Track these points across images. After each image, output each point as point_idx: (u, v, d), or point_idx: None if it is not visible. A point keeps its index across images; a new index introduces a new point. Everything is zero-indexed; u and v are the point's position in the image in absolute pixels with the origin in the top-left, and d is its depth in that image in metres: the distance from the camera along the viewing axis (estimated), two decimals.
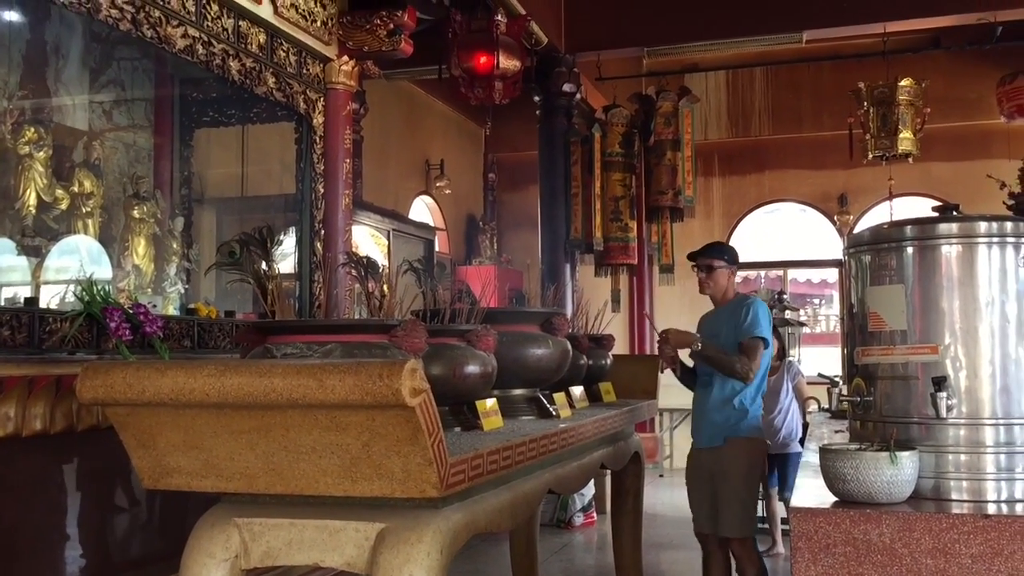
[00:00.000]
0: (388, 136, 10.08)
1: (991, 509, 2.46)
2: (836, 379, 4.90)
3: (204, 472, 2.28)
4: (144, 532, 3.76)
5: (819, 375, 5.53)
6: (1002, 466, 2.56)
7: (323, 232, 5.18)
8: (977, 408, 2.60)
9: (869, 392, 2.78)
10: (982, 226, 2.66)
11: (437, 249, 10.67)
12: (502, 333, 3.31)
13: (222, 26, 4.37)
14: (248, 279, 3.12)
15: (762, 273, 12.46)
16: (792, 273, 12.57)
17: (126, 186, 5.45)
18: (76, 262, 4.72)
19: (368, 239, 8.85)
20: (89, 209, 5.08)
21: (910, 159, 9.27)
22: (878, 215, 11.37)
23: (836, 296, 12.50)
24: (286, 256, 5.00)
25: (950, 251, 2.66)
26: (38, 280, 4.66)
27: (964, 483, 2.57)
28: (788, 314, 7.82)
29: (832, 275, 12.52)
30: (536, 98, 8.87)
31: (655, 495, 8.29)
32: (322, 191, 5.18)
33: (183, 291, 5.55)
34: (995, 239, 2.64)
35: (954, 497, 2.57)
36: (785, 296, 8.33)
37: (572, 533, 7.52)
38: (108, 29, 4.10)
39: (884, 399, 2.74)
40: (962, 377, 2.61)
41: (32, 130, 4.73)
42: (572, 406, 3.78)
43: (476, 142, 12.47)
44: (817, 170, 11.74)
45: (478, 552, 6.32)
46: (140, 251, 5.38)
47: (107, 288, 3.76)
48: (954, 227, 2.68)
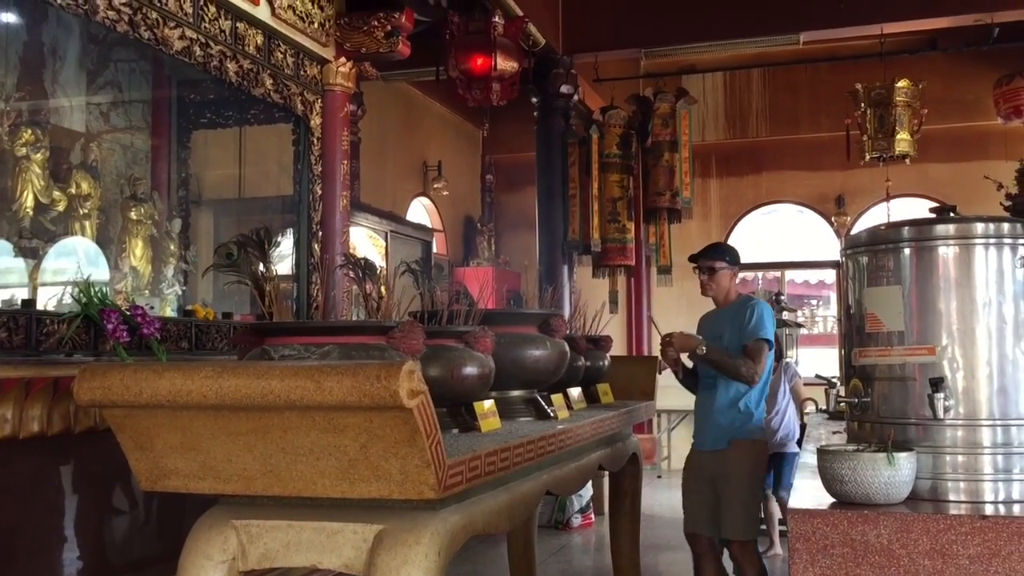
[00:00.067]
0: (386, 137, 10.08)
1: (988, 510, 2.46)
2: (834, 380, 4.89)
3: (202, 474, 2.28)
4: (142, 534, 3.76)
5: (817, 376, 5.52)
6: (999, 467, 2.57)
7: (321, 233, 5.18)
8: (974, 409, 2.60)
9: (866, 393, 2.78)
10: (979, 227, 2.66)
11: (435, 250, 10.67)
12: (500, 334, 3.31)
13: (219, 28, 4.37)
14: (246, 281, 3.12)
15: (759, 274, 12.47)
16: (789, 274, 12.59)
17: (123, 188, 5.44)
18: (73, 264, 4.71)
19: (366, 240, 8.85)
20: (86, 211, 5.07)
21: (907, 160, 9.28)
22: (875, 216, 11.37)
23: (833, 297, 12.51)
24: (284, 258, 5.00)
25: (947, 252, 2.66)
26: (35, 282, 4.65)
27: (961, 484, 2.58)
28: (785, 315, 7.81)
29: (829, 276, 12.53)
30: (534, 99, 8.88)
31: (653, 496, 8.31)
32: (320, 192, 5.19)
33: (180, 293, 5.55)
34: (992, 240, 2.65)
35: (951, 498, 2.57)
36: (782, 297, 8.33)
37: (570, 534, 7.51)
38: (105, 31, 4.10)
39: (881, 400, 2.74)
40: (959, 378, 2.61)
41: (29, 132, 4.72)
42: (570, 407, 3.78)
43: (474, 143, 12.46)
44: (814, 171, 11.75)
45: (476, 553, 6.31)
46: (137, 253, 5.37)
47: (104, 290, 3.75)
48: (951, 228, 2.68)
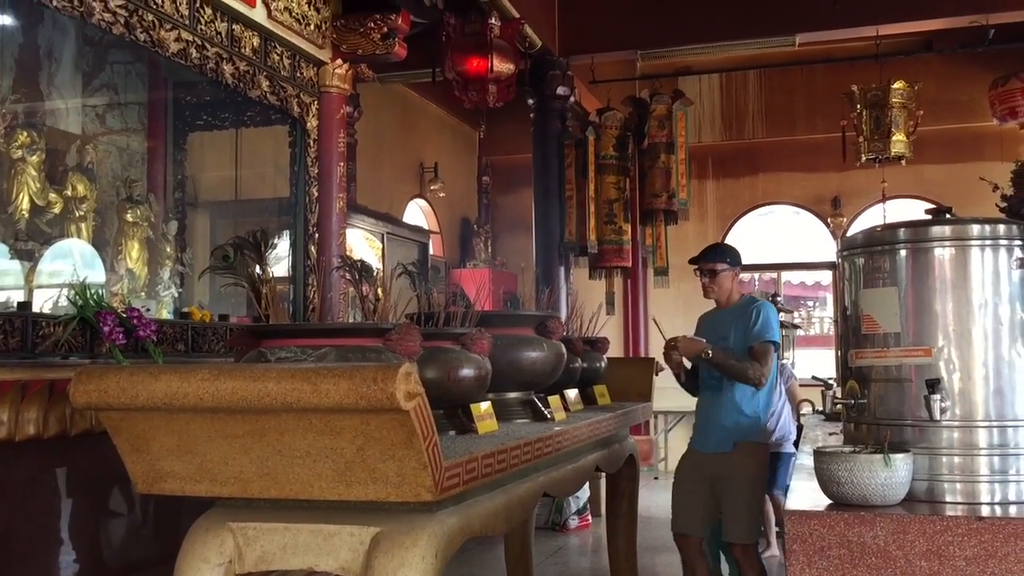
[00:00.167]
0: (382, 139, 10.08)
1: (985, 511, 2.46)
2: (830, 381, 4.90)
3: (198, 476, 2.28)
4: (138, 537, 3.75)
5: (813, 377, 5.53)
6: (996, 468, 2.57)
7: (317, 235, 5.17)
8: (970, 410, 2.60)
9: (863, 394, 2.78)
10: (975, 229, 2.67)
11: (431, 252, 10.66)
12: (496, 336, 3.30)
13: (216, 30, 4.37)
14: (242, 283, 3.11)
15: (756, 275, 12.48)
16: (786, 275, 12.60)
17: (119, 190, 5.43)
18: (69, 266, 4.71)
19: (362, 242, 8.84)
20: (82, 213, 5.07)
21: (903, 162, 9.30)
22: (871, 217, 11.39)
23: (830, 298, 12.52)
24: (280, 260, 4.99)
25: (943, 254, 2.67)
26: (31, 284, 4.64)
27: (958, 485, 2.58)
28: (782, 316, 7.80)
29: (826, 277, 12.54)
30: (530, 101, 8.88)
31: (650, 498, 8.30)
32: (316, 194, 5.18)
33: (177, 295, 5.54)
34: (988, 242, 2.65)
35: (948, 499, 2.57)
36: (779, 298, 8.33)
37: (567, 536, 7.51)
38: (101, 33, 4.09)
39: (878, 401, 2.75)
40: (955, 379, 2.61)
41: (25, 134, 4.72)
42: (567, 409, 3.78)
43: (470, 145, 12.46)
44: (810, 173, 11.77)
45: (473, 556, 6.31)
46: (134, 255, 5.36)
47: (100, 292, 3.74)
48: (947, 230, 2.68)
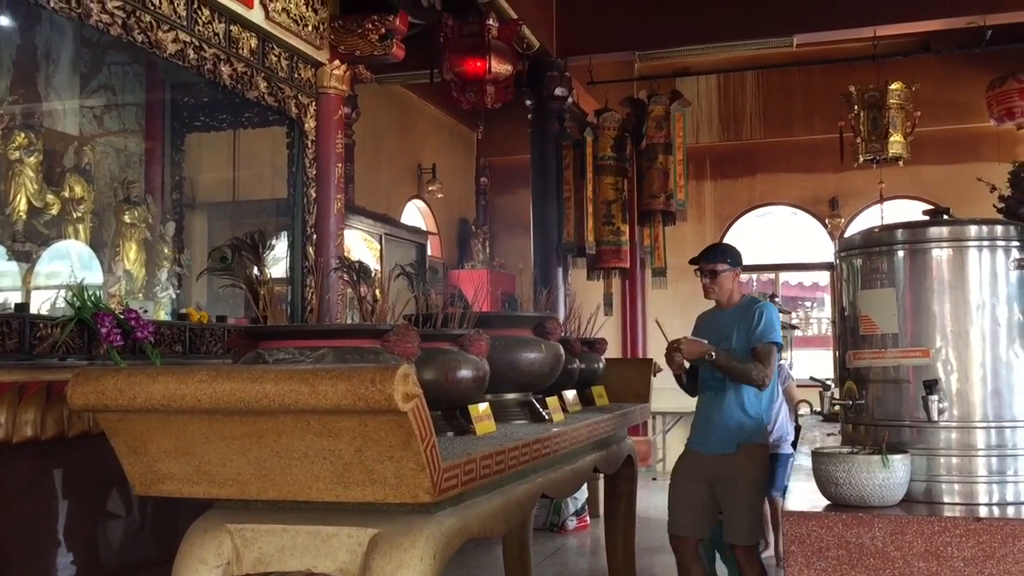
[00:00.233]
0: (380, 140, 10.07)
1: (983, 512, 2.46)
2: (828, 382, 4.90)
3: (196, 478, 2.28)
4: (136, 538, 3.75)
5: (811, 378, 5.53)
6: (993, 469, 2.57)
7: (315, 236, 5.17)
8: (968, 411, 2.60)
9: (861, 395, 2.78)
10: (972, 230, 2.67)
11: (429, 253, 10.66)
12: (495, 337, 3.30)
13: (213, 31, 4.36)
14: (240, 284, 3.11)
15: (754, 276, 12.48)
16: (783, 276, 12.60)
17: (117, 191, 5.44)
18: (67, 267, 4.71)
19: (360, 243, 8.84)
20: (80, 214, 5.07)
21: (900, 162, 9.30)
22: (869, 218, 11.40)
23: (828, 299, 12.53)
24: (278, 261, 4.99)
25: (941, 255, 2.67)
26: (28, 286, 4.64)
27: (956, 486, 2.58)
28: (780, 317, 7.81)
29: (823, 278, 12.55)
30: (528, 102, 8.88)
31: (648, 498, 8.29)
32: (314, 195, 5.18)
33: (174, 296, 5.54)
34: (985, 242, 2.65)
35: (946, 500, 2.57)
36: (777, 299, 8.34)
37: (565, 537, 7.51)
38: (98, 34, 4.09)
39: (876, 402, 2.75)
40: (953, 380, 2.61)
41: (22, 135, 4.72)
42: (565, 410, 3.78)
43: (468, 146, 12.46)
44: (808, 173, 11.77)
45: (471, 557, 6.30)
46: (131, 256, 5.36)
47: (98, 293, 3.74)
48: (945, 231, 2.69)
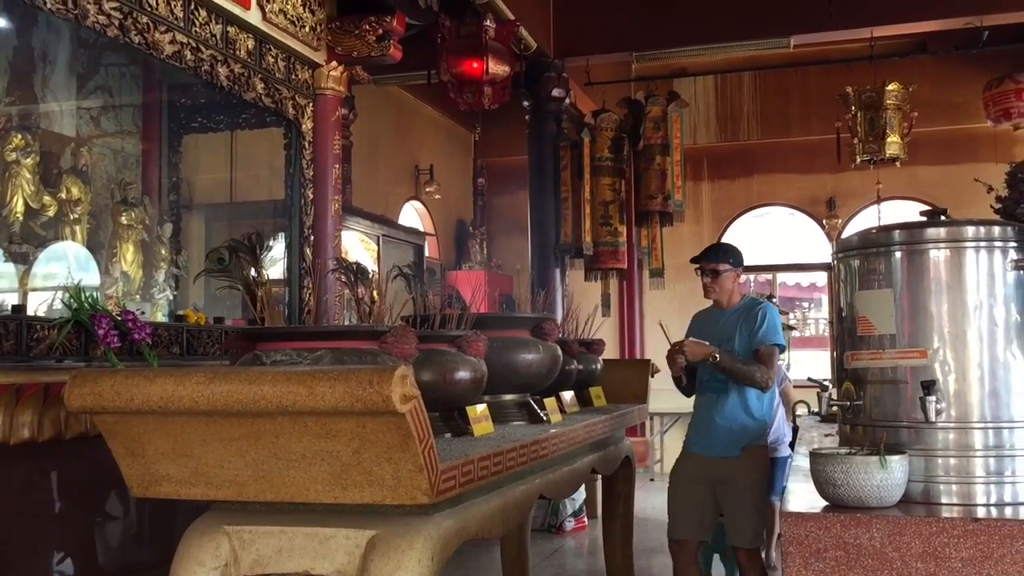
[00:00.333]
0: (377, 141, 10.07)
1: (980, 512, 2.46)
2: (825, 383, 4.89)
3: (193, 480, 2.27)
4: (133, 540, 3.74)
5: (809, 379, 5.52)
6: (991, 469, 2.57)
7: (312, 238, 5.17)
8: (966, 412, 2.60)
9: (858, 396, 2.78)
10: (970, 230, 2.67)
11: (427, 254, 10.65)
12: (492, 338, 3.31)
13: (210, 32, 4.36)
14: (237, 285, 3.10)
15: (751, 277, 12.49)
16: (781, 277, 12.60)
17: (114, 192, 5.43)
18: (64, 269, 4.70)
19: (358, 244, 8.83)
20: (77, 215, 5.06)
21: (898, 163, 9.31)
22: (866, 219, 11.40)
23: (825, 300, 12.54)
24: (275, 262, 4.99)
25: (938, 255, 2.67)
26: (25, 287, 4.64)
27: (953, 487, 2.58)
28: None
29: (821, 279, 12.56)
30: (525, 103, 8.88)
31: (646, 499, 8.29)
32: (311, 197, 5.17)
33: (172, 297, 5.53)
34: (983, 243, 2.65)
35: (944, 501, 2.57)
36: (775, 300, 8.34)
37: (563, 538, 7.51)
38: (95, 35, 4.08)
39: (873, 403, 2.75)
40: (951, 381, 2.61)
41: (19, 136, 4.71)
42: (563, 411, 3.78)
43: (466, 147, 12.46)
44: (806, 174, 11.78)
45: (469, 558, 6.30)
46: (128, 257, 5.36)
47: (95, 295, 3.74)
48: (942, 231, 2.68)
